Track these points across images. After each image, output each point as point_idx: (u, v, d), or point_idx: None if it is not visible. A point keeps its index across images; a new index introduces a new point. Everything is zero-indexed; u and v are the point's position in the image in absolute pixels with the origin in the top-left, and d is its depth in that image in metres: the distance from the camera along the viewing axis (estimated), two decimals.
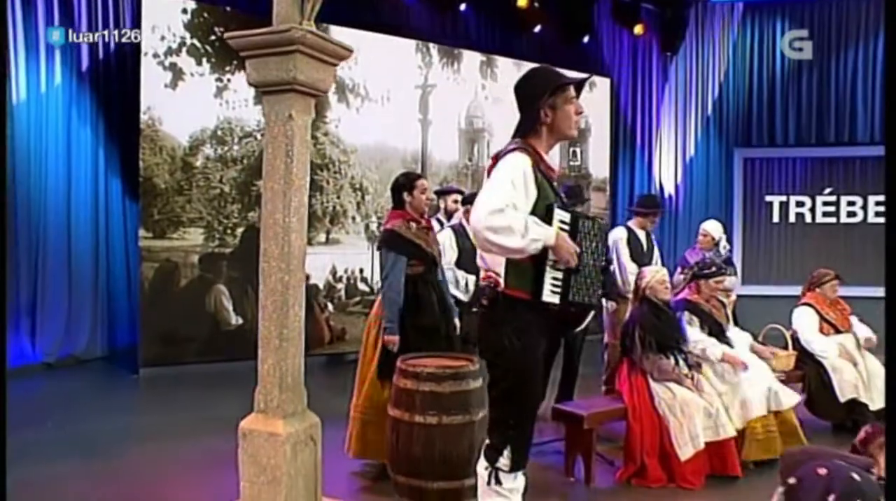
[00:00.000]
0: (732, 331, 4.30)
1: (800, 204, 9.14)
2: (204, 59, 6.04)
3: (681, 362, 3.79)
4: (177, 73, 5.90)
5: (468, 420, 2.93)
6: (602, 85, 8.48)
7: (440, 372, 3.00)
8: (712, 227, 5.62)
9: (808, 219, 9.13)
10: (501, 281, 2.45)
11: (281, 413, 2.00)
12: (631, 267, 4.61)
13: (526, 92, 2.41)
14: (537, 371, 2.47)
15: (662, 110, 9.11)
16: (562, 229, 2.31)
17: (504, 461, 2.43)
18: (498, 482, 2.44)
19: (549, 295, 2.31)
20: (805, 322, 4.75)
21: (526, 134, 2.39)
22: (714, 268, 4.23)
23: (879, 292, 7.25)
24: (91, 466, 3.74)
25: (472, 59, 7.56)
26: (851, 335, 4.76)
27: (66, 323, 6.07)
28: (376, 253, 3.96)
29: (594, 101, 8.38)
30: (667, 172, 9.11)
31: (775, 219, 9.15)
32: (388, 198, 4.07)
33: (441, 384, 2.98)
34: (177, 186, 5.96)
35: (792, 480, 2.06)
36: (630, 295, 4.30)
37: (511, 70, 7.78)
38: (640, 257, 4.86)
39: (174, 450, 3.99)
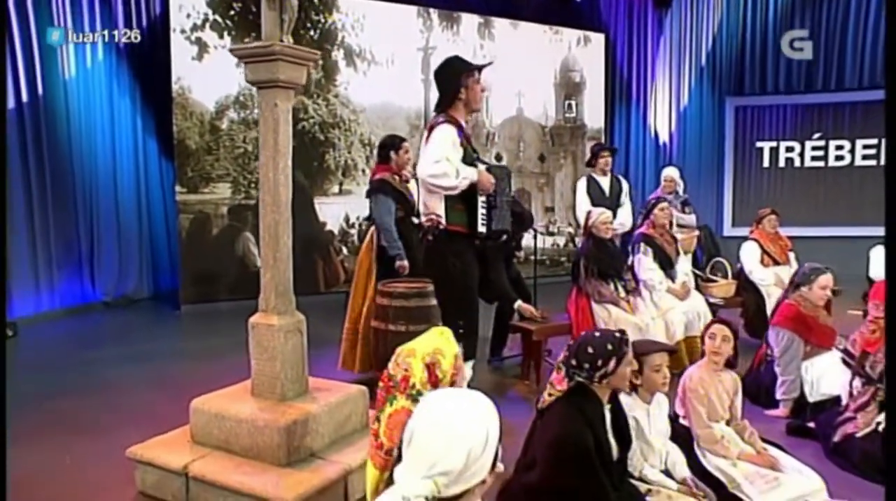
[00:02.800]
0: (680, 263, 5.01)
1: (789, 149, 9.57)
2: (225, 33, 6.81)
3: (619, 287, 4.57)
4: (202, 47, 6.69)
5: (429, 327, 3.77)
6: (596, 41, 8.97)
7: (408, 291, 3.83)
8: (674, 174, 6.27)
9: (798, 163, 9.57)
10: (443, 220, 3.27)
11: (276, 311, 2.86)
12: (586, 209, 5.26)
13: (445, 77, 3.18)
14: (474, 285, 3.29)
15: (658, 62, 9.55)
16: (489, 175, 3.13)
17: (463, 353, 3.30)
18: None
19: (480, 227, 3.14)
20: (748, 254, 5.44)
21: (448, 108, 3.16)
22: (656, 202, 4.93)
23: (863, 231, 7.79)
24: (142, 377, 4.66)
25: (470, 21, 8.14)
26: (788, 267, 5.43)
27: (118, 268, 7.07)
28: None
29: (589, 56, 8.92)
30: (661, 121, 9.61)
31: (765, 163, 9.62)
32: None
33: (409, 300, 3.80)
34: (206, 147, 6.83)
35: None
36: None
37: (508, 30, 8.37)
38: (602, 199, 5.52)
39: (208, 365, 4.91)
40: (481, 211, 3.10)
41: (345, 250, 7.54)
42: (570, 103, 8.87)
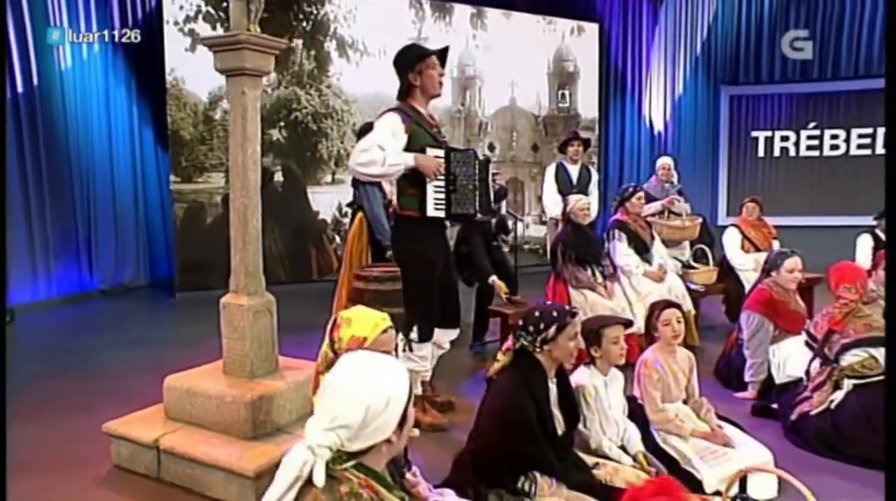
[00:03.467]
0: (656, 247, 5.07)
1: (784, 138, 9.57)
2: (218, 24, 6.91)
3: (596, 273, 4.64)
4: (195, 38, 6.79)
5: (403, 311, 3.86)
6: (590, 30, 9.00)
7: (382, 275, 3.95)
8: (670, 163, 6.31)
9: (793, 152, 9.58)
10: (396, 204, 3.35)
11: (245, 291, 2.96)
12: (552, 198, 5.28)
13: (400, 64, 3.24)
14: (430, 269, 3.33)
15: (652, 52, 9.56)
16: (437, 159, 3.16)
17: (413, 334, 3.38)
18: (410, 349, 3.40)
19: (434, 211, 3.18)
20: (729, 240, 5.50)
21: (405, 95, 3.23)
22: (631, 189, 4.99)
23: (858, 221, 7.83)
24: (134, 361, 4.79)
25: (462, 11, 8.19)
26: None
27: (115, 257, 7.21)
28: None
29: (582, 46, 8.96)
30: (656, 111, 9.63)
31: (760, 153, 9.63)
32: None
33: (383, 284, 3.94)
34: (200, 137, 6.94)
35: None
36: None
37: (500, 20, 8.41)
38: (568, 187, 5.55)
39: (198, 350, 4.98)
40: (433, 194, 3.14)
41: (337, 239, 7.64)
42: (564, 93, 8.92)
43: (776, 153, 9.64)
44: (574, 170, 5.50)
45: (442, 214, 3.19)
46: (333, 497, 1.31)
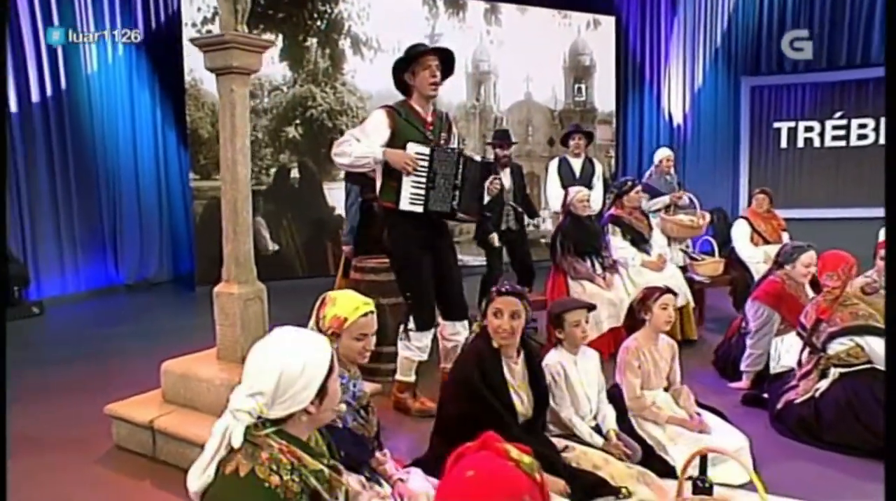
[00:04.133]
0: (655, 237, 5.06)
1: (808, 129, 9.37)
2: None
3: (596, 264, 4.67)
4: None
5: (398, 302, 3.95)
6: (607, 24, 8.96)
7: (378, 266, 4.05)
8: (671, 153, 6.24)
9: (817, 143, 9.38)
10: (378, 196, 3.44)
11: (237, 280, 3.09)
12: (554, 191, 5.33)
13: (396, 66, 3.34)
14: (413, 259, 3.41)
15: (671, 44, 9.47)
16: (419, 155, 3.23)
17: (411, 324, 3.48)
18: (408, 338, 3.49)
19: (409, 205, 3.25)
20: (738, 233, 5.47)
21: (405, 95, 3.33)
22: (630, 183, 4.98)
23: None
24: (151, 350, 4.93)
25: (476, 7, 8.24)
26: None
27: (140, 253, 7.48)
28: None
29: (598, 39, 8.93)
30: (675, 104, 9.54)
31: (783, 144, 9.45)
32: None
33: (379, 275, 4.03)
34: (217, 135, 7.12)
35: None
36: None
37: (515, 15, 8.44)
38: (572, 181, 5.54)
39: (210, 339, 5.21)
40: (409, 189, 3.22)
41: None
42: (580, 87, 8.90)
43: (800, 144, 9.45)
44: (577, 164, 5.52)
45: (418, 209, 3.25)
46: (254, 462, 1.41)
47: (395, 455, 2.39)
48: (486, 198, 3.62)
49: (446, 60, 3.36)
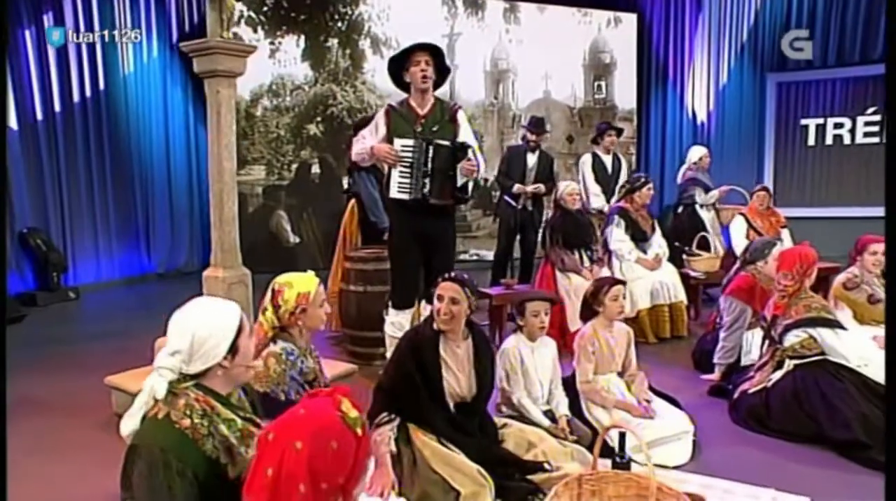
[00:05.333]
0: (655, 238, 5.14)
1: (838, 125, 9.15)
2: (259, 27, 7.47)
3: (584, 257, 4.80)
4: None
5: (384, 290, 4.17)
6: (628, 21, 8.99)
7: (367, 255, 4.29)
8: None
9: (847, 140, 9.16)
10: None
11: (222, 265, 3.38)
12: (594, 188, 5.50)
13: (390, 67, 3.57)
14: (402, 242, 3.63)
15: (696, 41, 9.40)
16: (405, 147, 3.45)
17: (391, 301, 3.73)
18: (387, 313, 3.74)
19: (397, 194, 3.48)
20: (734, 228, 5.50)
21: (406, 92, 3.56)
22: (643, 180, 5.08)
23: None
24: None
25: (495, 7, 8.40)
26: (779, 243, 5.41)
27: (171, 243, 7.93)
28: None
29: (619, 37, 8.96)
30: (699, 101, 9.47)
31: (810, 142, 9.26)
32: None
33: (367, 264, 4.27)
34: (242, 132, 7.51)
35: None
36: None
37: (534, 14, 8.56)
38: (605, 176, 5.73)
39: None
40: (397, 179, 3.46)
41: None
42: (600, 84, 8.96)
43: (828, 141, 9.24)
44: (608, 160, 5.67)
45: (405, 197, 3.48)
46: (171, 408, 1.65)
47: None
48: (462, 180, 3.74)
49: (440, 56, 3.57)
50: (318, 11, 7.61)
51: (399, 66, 3.58)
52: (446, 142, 3.75)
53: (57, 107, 6.85)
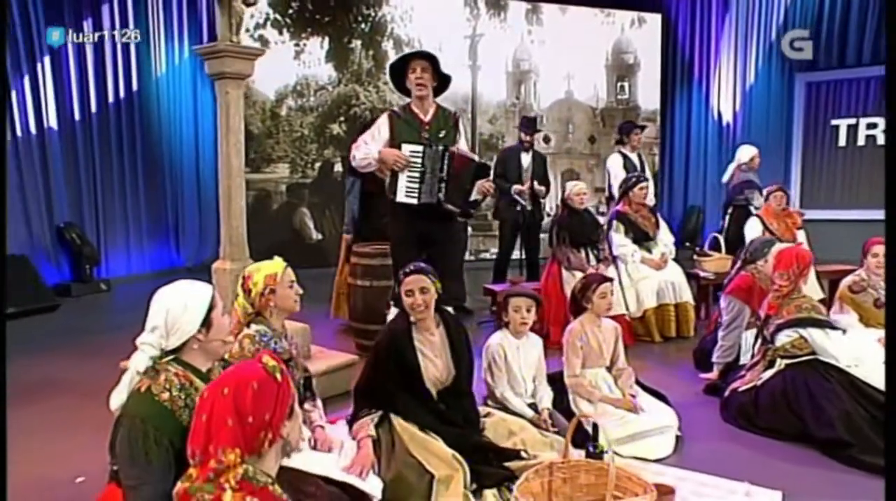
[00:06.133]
0: (660, 236, 5.14)
1: (871, 125, 8.92)
2: (284, 30, 7.67)
3: (591, 255, 4.84)
4: (264, 43, 7.58)
5: (390, 284, 4.29)
6: (652, 21, 8.95)
7: (373, 251, 4.41)
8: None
9: (881, 141, 8.94)
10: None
11: (230, 257, 3.55)
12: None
13: (391, 75, 3.68)
14: (404, 244, 3.74)
15: (722, 41, 9.29)
16: (413, 153, 3.55)
17: (392, 300, 3.82)
18: (388, 310, 3.84)
19: (405, 198, 3.58)
20: (749, 230, 5.43)
21: (408, 97, 3.67)
22: (635, 179, 5.09)
23: None
24: None
25: (517, 8, 8.45)
26: (776, 242, 5.34)
27: (199, 239, 8.20)
28: None
29: (643, 37, 8.94)
30: (725, 102, 9.36)
31: (841, 142, 9.06)
32: None
33: (373, 259, 4.40)
34: (267, 131, 7.75)
35: None
36: None
37: (556, 15, 8.60)
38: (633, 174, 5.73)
39: None
40: (405, 183, 3.54)
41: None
42: (623, 85, 8.94)
43: (860, 142, 9.02)
44: (635, 158, 5.72)
45: (412, 201, 3.57)
46: (153, 382, 1.80)
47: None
48: (476, 196, 3.86)
49: (436, 64, 3.67)
50: (341, 13, 7.79)
51: (399, 73, 3.70)
52: (474, 157, 3.86)
53: (93, 108, 7.17)
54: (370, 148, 3.60)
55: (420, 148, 3.57)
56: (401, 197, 3.59)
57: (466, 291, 5.17)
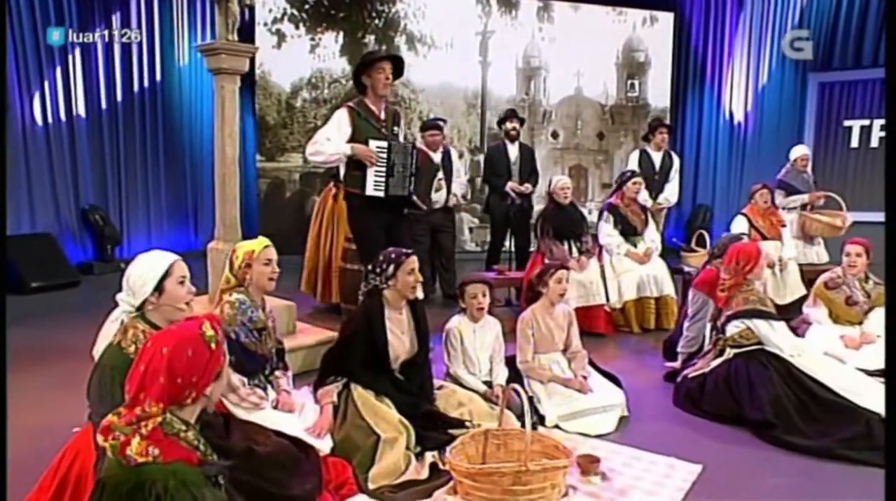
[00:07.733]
0: (648, 232, 5.31)
1: (885, 127, 8.91)
2: (300, 24, 7.97)
3: (573, 248, 5.04)
4: (280, 36, 7.91)
5: None
6: (664, 20, 9.01)
7: None
8: (808, 152, 6.33)
9: None
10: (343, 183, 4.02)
11: (223, 239, 3.85)
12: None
13: (356, 69, 3.90)
14: (370, 234, 3.93)
15: (735, 40, 9.31)
16: (379, 148, 3.77)
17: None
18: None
19: (373, 191, 3.79)
20: (735, 228, 5.56)
21: (363, 94, 3.88)
22: (629, 174, 5.26)
23: None
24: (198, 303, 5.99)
25: (528, 5, 8.60)
26: (778, 242, 5.48)
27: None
28: None
29: (655, 36, 9.00)
30: (737, 102, 9.38)
31: (854, 144, 9.03)
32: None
33: None
34: (282, 122, 8.07)
35: None
36: None
37: (568, 13, 8.72)
38: (652, 173, 5.90)
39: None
40: (372, 177, 3.75)
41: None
42: (633, 83, 9.03)
43: (873, 143, 8.98)
44: (657, 157, 5.85)
45: (380, 194, 3.79)
46: (123, 337, 2.14)
47: None
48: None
49: (399, 68, 3.90)
50: (356, 9, 8.06)
51: (361, 70, 3.88)
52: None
53: (119, 98, 7.57)
54: (337, 143, 3.74)
55: (385, 143, 3.78)
56: (370, 190, 3.76)
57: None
